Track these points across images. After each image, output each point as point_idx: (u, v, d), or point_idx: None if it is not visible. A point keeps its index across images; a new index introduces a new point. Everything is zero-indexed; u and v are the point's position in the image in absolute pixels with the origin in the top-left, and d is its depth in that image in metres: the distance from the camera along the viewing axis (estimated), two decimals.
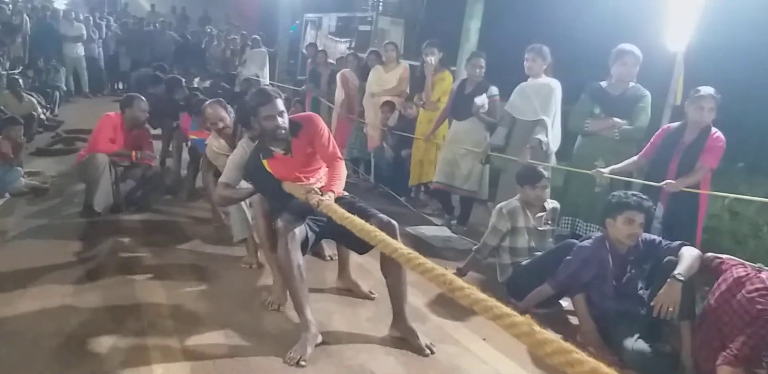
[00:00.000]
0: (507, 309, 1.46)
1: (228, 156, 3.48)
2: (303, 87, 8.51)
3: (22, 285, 3.09)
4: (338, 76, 6.85)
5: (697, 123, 3.32)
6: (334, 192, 2.75)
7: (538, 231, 3.47)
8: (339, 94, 6.69)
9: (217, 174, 4.20)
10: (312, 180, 2.96)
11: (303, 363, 2.49)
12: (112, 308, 2.92)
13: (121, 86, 11.65)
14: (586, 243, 2.98)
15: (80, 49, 10.42)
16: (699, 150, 3.28)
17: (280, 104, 2.81)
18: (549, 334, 1.33)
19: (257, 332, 2.80)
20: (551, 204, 3.58)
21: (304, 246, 2.79)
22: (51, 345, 2.52)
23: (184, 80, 8.58)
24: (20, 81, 6.53)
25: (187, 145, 5.35)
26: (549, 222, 3.54)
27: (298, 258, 2.68)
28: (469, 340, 2.87)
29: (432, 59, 5.10)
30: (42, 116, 6.65)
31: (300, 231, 2.74)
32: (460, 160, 4.72)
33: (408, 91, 6.12)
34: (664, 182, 3.24)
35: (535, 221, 3.47)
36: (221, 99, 3.99)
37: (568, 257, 2.98)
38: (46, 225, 4.07)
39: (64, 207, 4.44)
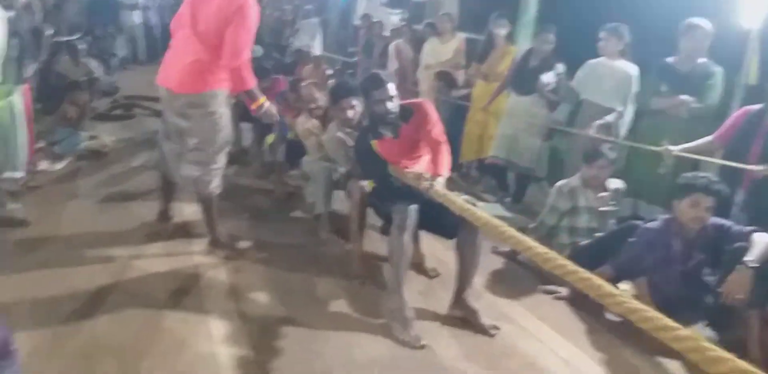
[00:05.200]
0: (669, 321, 1.34)
1: (317, 135, 3.71)
2: (354, 58, 8.43)
3: (86, 242, 3.19)
4: (392, 47, 6.76)
5: None
6: (442, 177, 2.73)
7: (600, 211, 3.38)
8: (392, 66, 6.60)
9: (291, 149, 4.29)
10: (416, 167, 2.94)
11: (424, 343, 2.49)
12: (172, 269, 2.99)
13: None
14: (651, 224, 2.88)
15: (137, 17, 10.52)
16: None
17: (391, 89, 2.84)
18: (721, 351, 1.24)
19: (313, 297, 2.85)
20: (615, 184, 3.47)
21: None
22: (111, 301, 2.62)
23: None
24: (79, 47, 6.62)
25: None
26: (611, 202, 3.44)
27: (409, 246, 2.67)
28: (524, 319, 2.83)
29: (502, 31, 4.97)
30: (103, 79, 6.76)
31: (414, 219, 2.70)
32: (520, 135, 4.60)
33: (464, 63, 6.02)
34: (755, 167, 3.06)
35: (597, 201, 3.38)
36: (317, 81, 4.20)
37: (632, 239, 2.89)
38: (108, 187, 4.16)
39: (124, 170, 4.54)
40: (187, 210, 3.81)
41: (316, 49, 9.67)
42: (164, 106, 3.22)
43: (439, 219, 2.75)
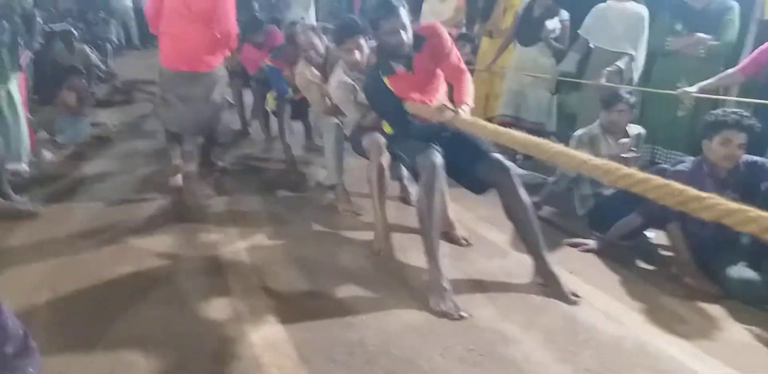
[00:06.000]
0: None
1: (319, 84, 3.42)
2: None
3: (99, 231, 3.11)
4: None
5: None
6: (468, 105, 2.45)
7: (622, 158, 3.26)
8: None
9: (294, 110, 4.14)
10: (434, 101, 2.68)
11: (464, 314, 2.31)
12: (190, 252, 2.91)
13: None
14: (680, 167, 2.77)
15: (128, 0, 10.30)
16: None
17: (404, 16, 2.50)
18: None
19: (337, 270, 2.76)
20: (635, 129, 3.34)
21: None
22: (132, 289, 2.52)
23: None
24: (74, 32, 6.48)
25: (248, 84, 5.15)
26: (633, 148, 3.31)
27: (439, 206, 2.45)
28: None
29: None
30: (100, 65, 6.67)
31: (443, 176, 2.47)
32: (527, 89, 4.46)
33: (464, 21, 5.84)
34: None
35: (619, 148, 3.26)
36: (315, 26, 3.81)
37: None
38: (116, 173, 4.08)
39: (130, 154, 4.46)
40: (198, 190, 3.76)
41: (311, 19, 9.43)
42: (176, 84, 3.65)
43: (469, 169, 2.55)
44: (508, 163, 2.58)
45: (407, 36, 2.53)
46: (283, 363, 2.03)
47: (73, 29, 6.66)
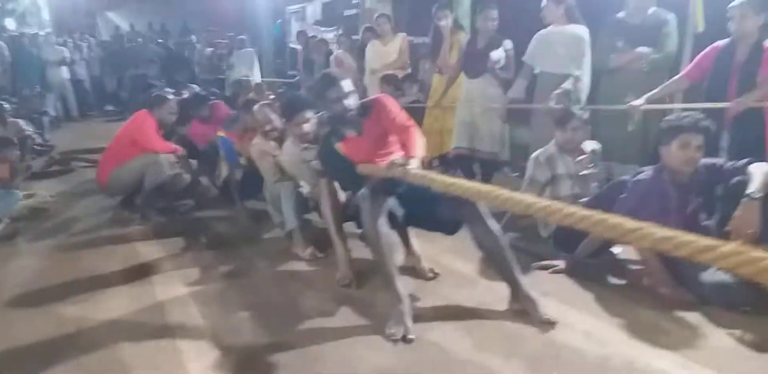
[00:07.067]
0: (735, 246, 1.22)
1: (274, 156, 3.53)
2: (296, 78, 8.24)
3: (32, 303, 2.82)
4: (332, 58, 6.62)
5: (743, 37, 3.10)
6: (416, 159, 2.45)
7: (581, 176, 3.19)
8: None
9: (248, 176, 4.10)
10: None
11: (411, 336, 2.27)
12: (133, 313, 2.66)
13: (111, 108, 11.43)
14: (641, 176, 2.69)
15: (64, 73, 10.15)
16: (756, 65, 3.05)
17: (346, 85, 2.70)
18: None
19: (300, 316, 2.56)
20: (591, 145, 3.29)
21: (392, 220, 2.61)
22: (70, 362, 2.25)
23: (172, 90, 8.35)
24: (3, 106, 6.28)
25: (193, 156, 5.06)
26: (591, 165, 3.25)
27: (385, 229, 2.48)
28: None
29: (446, 22, 4.78)
30: (36, 138, 6.47)
31: (383, 201, 2.53)
32: (479, 120, 4.42)
33: (409, 62, 5.88)
34: (730, 103, 3.00)
35: (576, 165, 3.19)
36: (270, 102, 3.95)
37: (623, 195, 2.69)
38: (53, 243, 3.78)
39: (67, 222, 4.20)
40: (144, 251, 3.52)
41: (256, 77, 9.44)
42: None
43: (435, 214, 2.59)
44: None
45: (350, 102, 2.70)
46: None
47: (5, 104, 6.49)
